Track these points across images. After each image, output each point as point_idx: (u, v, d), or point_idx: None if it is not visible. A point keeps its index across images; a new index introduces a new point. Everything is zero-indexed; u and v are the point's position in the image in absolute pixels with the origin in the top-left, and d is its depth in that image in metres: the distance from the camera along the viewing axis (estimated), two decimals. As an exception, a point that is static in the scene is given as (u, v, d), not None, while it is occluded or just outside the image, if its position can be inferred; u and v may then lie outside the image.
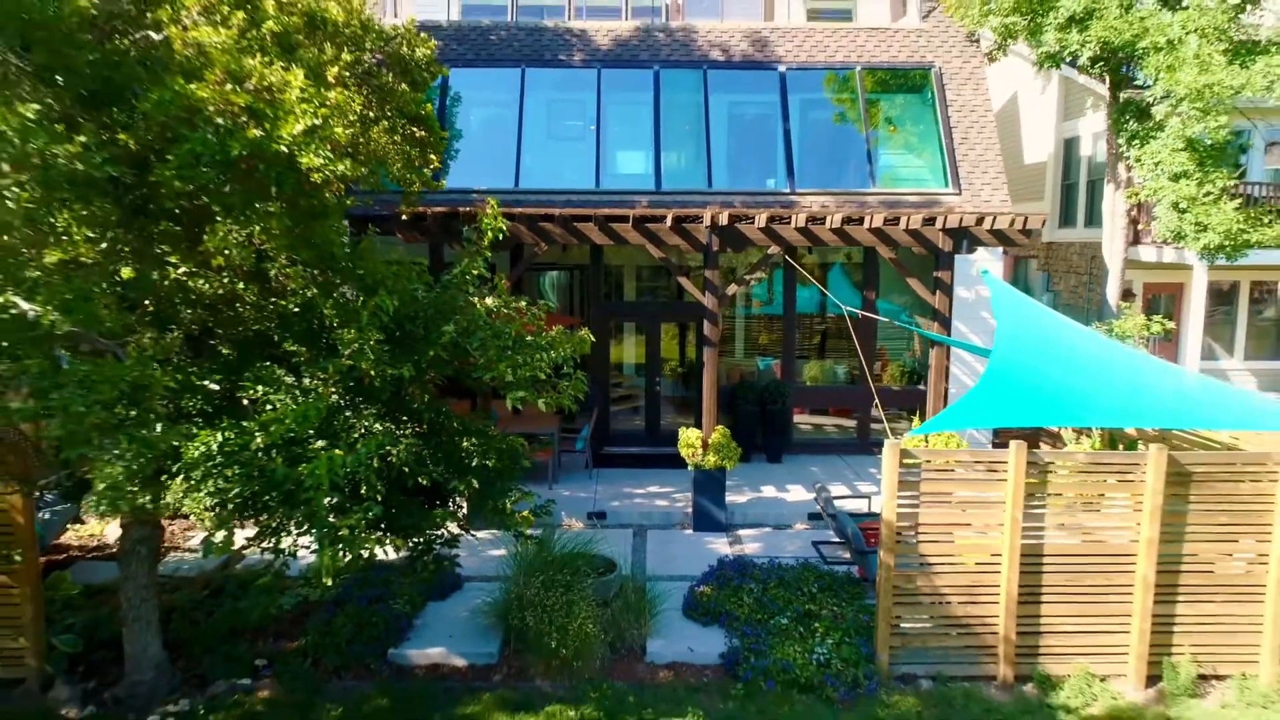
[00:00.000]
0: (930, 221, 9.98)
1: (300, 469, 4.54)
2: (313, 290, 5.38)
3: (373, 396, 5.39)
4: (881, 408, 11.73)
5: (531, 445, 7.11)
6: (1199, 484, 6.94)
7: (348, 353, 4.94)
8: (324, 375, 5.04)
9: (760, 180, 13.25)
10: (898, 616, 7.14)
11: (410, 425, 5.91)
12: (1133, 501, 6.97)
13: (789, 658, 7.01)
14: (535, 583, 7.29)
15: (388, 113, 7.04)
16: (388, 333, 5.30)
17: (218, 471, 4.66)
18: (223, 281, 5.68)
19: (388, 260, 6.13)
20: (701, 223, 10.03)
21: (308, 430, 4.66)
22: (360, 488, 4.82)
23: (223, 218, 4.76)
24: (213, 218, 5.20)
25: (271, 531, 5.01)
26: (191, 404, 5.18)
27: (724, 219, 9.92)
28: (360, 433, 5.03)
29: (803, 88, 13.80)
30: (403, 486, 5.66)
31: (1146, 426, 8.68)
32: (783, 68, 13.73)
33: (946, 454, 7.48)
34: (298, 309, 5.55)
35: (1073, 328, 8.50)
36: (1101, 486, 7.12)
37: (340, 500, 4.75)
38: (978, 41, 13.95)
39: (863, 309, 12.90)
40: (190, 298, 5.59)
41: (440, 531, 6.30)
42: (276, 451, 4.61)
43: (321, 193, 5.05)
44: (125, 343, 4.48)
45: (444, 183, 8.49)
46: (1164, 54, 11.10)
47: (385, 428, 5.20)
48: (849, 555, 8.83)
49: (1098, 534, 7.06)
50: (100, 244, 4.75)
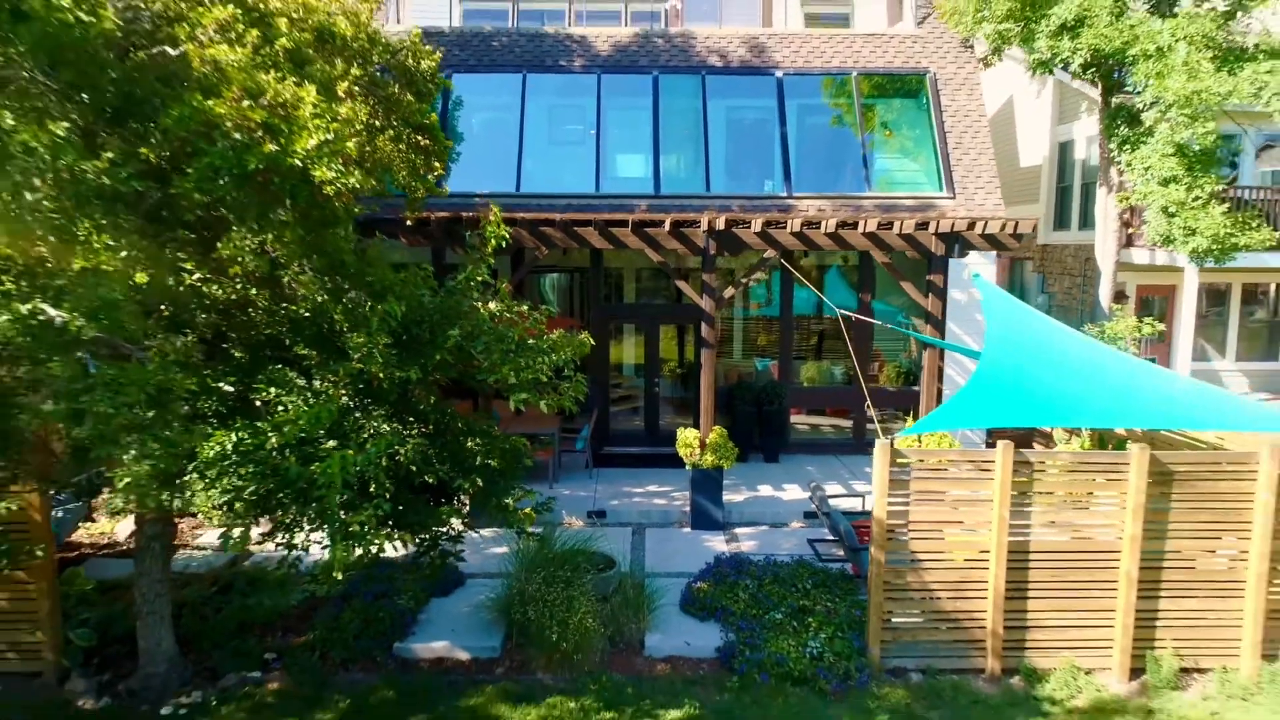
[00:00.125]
0: (923, 226, 10.19)
1: (313, 468, 4.75)
2: (323, 296, 5.60)
3: (381, 398, 5.60)
4: (878, 408, 11.94)
5: (533, 445, 7.32)
6: (1181, 482, 7.14)
7: (357, 356, 5.16)
8: (334, 378, 5.25)
9: (758, 184, 13.45)
10: (889, 611, 7.35)
11: (417, 426, 6.12)
12: (1117, 500, 7.18)
13: (783, 651, 7.22)
14: (537, 578, 7.50)
15: (393, 122, 7.26)
16: (395, 337, 5.51)
17: (233, 470, 4.89)
18: (236, 287, 5.90)
19: (394, 263, 6.34)
20: (699, 227, 10.24)
21: (319, 430, 4.88)
22: (370, 486, 5.03)
23: (238, 227, 4.97)
24: (227, 226, 5.42)
25: (285, 527, 5.22)
26: (206, 405, 5.40)
27: (721, 224, 10.13)
28: (369, 433, 5.25)
29: (800, 93, 14.02)
30: (410, 484, 5.88)
31: (1134, 427, 8.89)
32: (780, 73, 13.94)
33: (936, 453, 7.70)
34: (308, 314, 5.76)
35: (1062, 330, 8.70)
36: (1086, 485, 7.32)
37: (350, 497, 4.96)
38: (972, 47, 14.16)
39: (859, 311, 13.10)
40: (205, 303, 5.80)
41: (446, 528, 6.52)
42: (290, 451, 4.82)
43: (332, 203, 5.27)
44: (147, 347, 4.70)
45: (447, 189, 8.67)
46: (1153, 61, 11.31)
47: (393, 428, 5.42)
48: (843, 552, 9.03)
49: (1083, 531, 7.27)
50: (120, 252, 4.95)
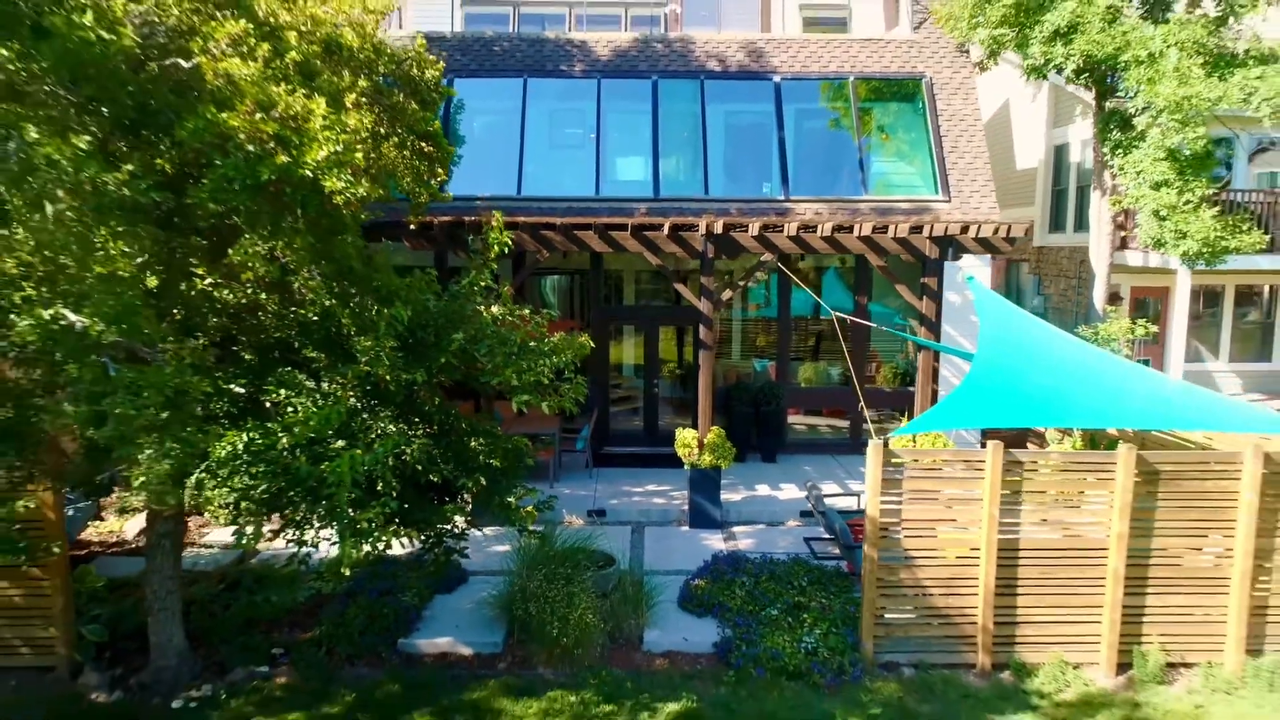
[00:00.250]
0: (917, 230, 10.36)
1: (323, 467, 4.93)
2: (331, 300, 5.77)
3: (387, 399, 5.78)
4: (875, 408, 12.15)
5: (534, 445, 7.50)
6: (1167, 482, 7.31)
7: (365, 359, 5.34)
8: (343, 380, 5.43)
9: (756, 187, 13.63)
10: (882, 608, 7.52)
11: (422, 426, 6.30)
12: (1105, 498, 7.35)
13: (778, 646, 7.39)
14: (538, 576, 7.67)
15: (398, 130, 7.43)
16: (401, 340, 5.69)
17: (244, 468, 5.06)
18: (246, 291, 6.08)
19: (397, 266, 6.52)
20: (697, 231, 10.41)
21: (329, 431, 5.06)
22: (377, 484, 5.21)
23: (250, 234, 5.15)
24: (238, 233, 5.60)
25: (295, 524, 5.40)
26: (218, 407, 5.58)
27: (719, 227, 10.31)
28: (377, 433, 5.43)
29: (797, 97, 14.20)
30: (415, 483, 6.05)
31: (1124, 427, 9.07)
32: (778, 78, 14.12)
33: (928, 453, 7.87)
34: (316, 318, 5.94)
35: (1053, 333, 8.88)
36: (1074, 484, 7.49)
37: (359, 496, 5.14)
38: (967, 52, 14.34)
39: (856, 312, 13.29)
40: (215, 307, 5.98)
41: (450, 526, 6.70)
42: (300, 450, 5.00)
43: (341, 211, 5.44)
44: (163, 350, 4.87)
45: (450, 194, 8.85)
46: (1145, 67, 11.49)
47: (399, 429, 5.60)
48: (838, 550, 9.21)
49: (1071, 529, 7.44)
50: (136, 258, 5.13)
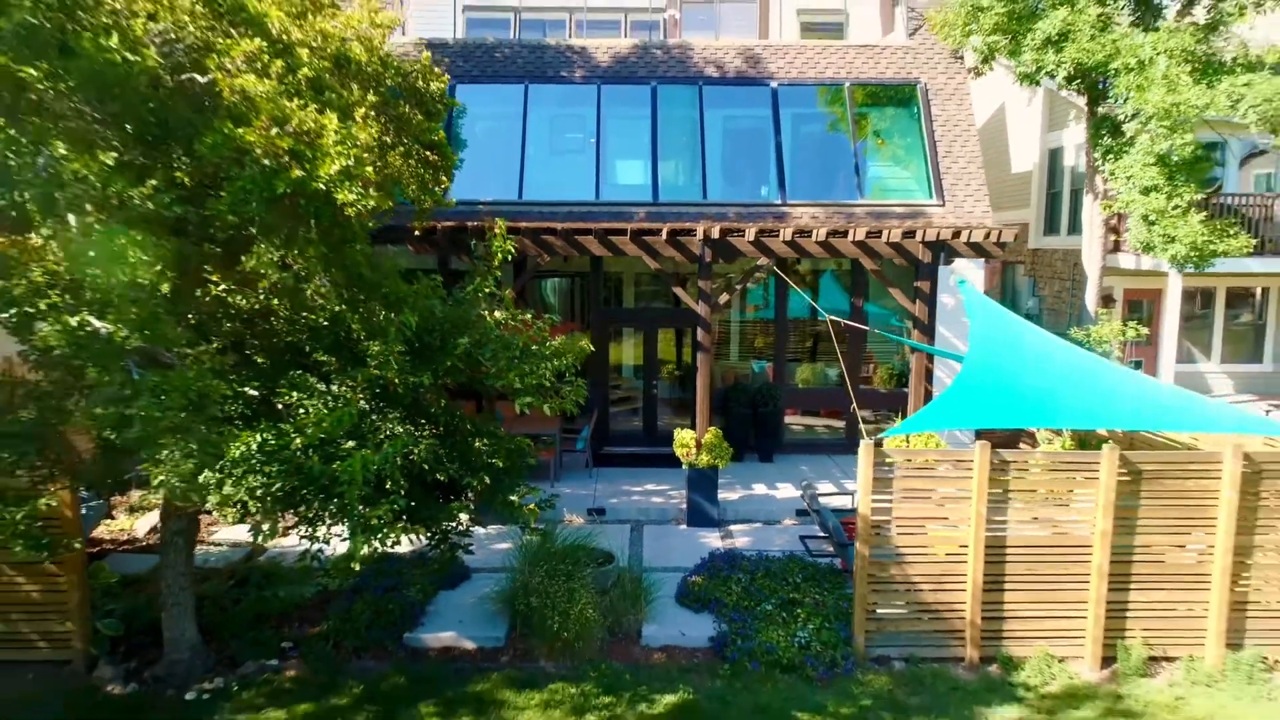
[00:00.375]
0: (910, 235, 10.59)
1: (335, 466, 5.16)
2: (341, 306, 6.01)
3: (395, 402, 6.02)
4: (871, 409, 12.36)
5: (535, 445, 7.73)
6: (1150, 481, 7.54)
7: (375, 363, 5.57)
8: (353, 383, 5.66)
9: (753, 192, 13.86)
10: (873, 603, 7.75)
11: (428, 427, 6.54)
12: (1090, 497, 7.57)
13: (773, 641, 7.62)
14: (539, 572, 7.90)
15: (404, 140, 7.67)
16: (408, 344, 5.92)
17: (259, 468, 5.29)
18: (258, 297, 6.31)
19: (401, 269, 6.75)
20: (695, 236, 10.64)
21: (340, 432, 5.29)
22: (386, 483, 5.44)
23: (265, 243, 5.38)
24: (251, 241, 5.83)
25: (309, 521, 5.64)
26: (233, 408, 5.81)
27: (716, 233, 10.53)
28: (386, 434, 5.66)
29: (794, 103, 14.42)
30: (422, 482, 6.28)
31: (1111, 428, 9.30)
32: (775, 83, 14.34)
33: (918, 453, 8.10)
34: (327, 322, 6.18)
35: (1041, 335, 9.10)
36: (1060, 483, 7.72)
37: (368, 494, 5.37)
38: (962, 59, 14.56)
39: (852, 314, 13.52)
40: (230, 312, 6.22)
41: (455, 523, 6.94)
42: (313, 450, 5.23)
43: (352, 222, 5.67)
44: (184, 355, 5.10)
45: (453, 200, 9.09)
46: (1134, 74, 11.71)
47: (407, 430, 5.83)
48: (832, 548, 9.44)
49: (1057, 526, 7.67)
50: (155, 266, 5.36)
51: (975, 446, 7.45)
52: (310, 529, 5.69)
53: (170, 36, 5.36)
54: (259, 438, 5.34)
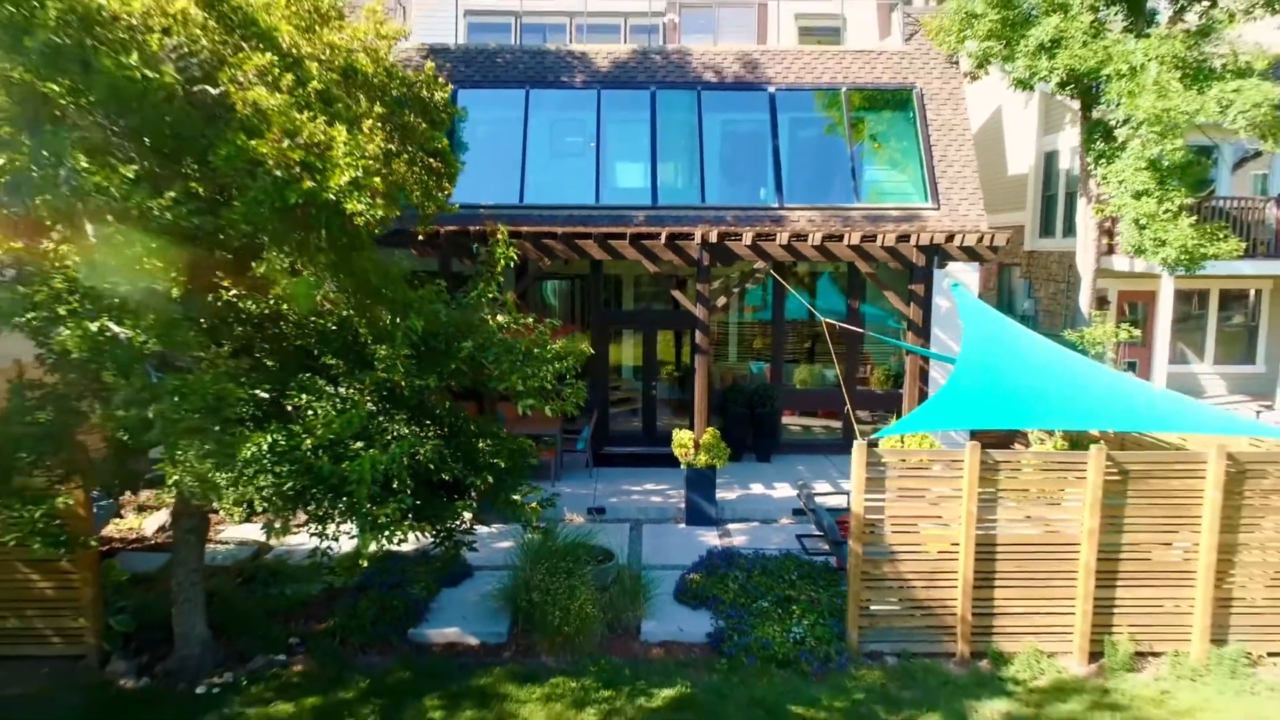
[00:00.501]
0: (905, 239, 10.78)
1: (344, 466, 5.36)
2: (349, 311, 6.20)
3: (402, 403, 6.21)
4: (868, 409, 12.55)
5: (536, 445, 7.93)
6: (1136, 480, 7.73)
7: (382, 367, 5.77)
8: (360, 385, 5.86)
9: (751, 195, 14.04)
10: (866, 600, 7.94)
11: (433, 428, 6.73)
12: (1078, 496, 7.76)
13: (768, 636, 7.81)
14: (540, 569, 8.09)
15: (409, 147, 7.85)
16: (414, 348, 6.11)
17: (270, 468, 5.48)
18: (268, 302, 6.49)
19: (408, 273, 6.94)
20: (693, 240, 10.83)
21: (349, 434, 5.48)
22: (393, 482, 5.63)
23: (277, 250, 5.58)
24: (261, 248, 6.02)
25: (318, 519, 5.83)
26: (244, 410, 6.00)
27: (714, 236, 10.73)
28: (393, 435, 5.86)
29: (791, 107, 14.60)
30: (427, 481, 6.48)
31: (1102, 429, 9.49)
32: (772, 88, 14.53)
33: (910, 453, 8.30)
34: (335, 327, 6.37)
35: (1034, 339, 9.29)
36: (1049, 482, 7.91)
37: (376, 493, 5.56)
38: (957, 64, 14.75)
39: (848, 315, 13.71)
40: (240, 316, 6.41)
41: (459, 521, 7.14)
42: (323, 451, 5.43)
43: (360, 230, 5.86)
44: (199, 359, 5.29)
45: (456, 206, 9.27)
46: (1125, 80, 11.89)
47: (413, 431, 6.03)
48: (827, 546, 9.63)
49: (1046, 525, 7.86)
50: (170, 272, 5.55)
51: (966, 447, 7.63)
52: (320, 527, 5.88)
53: (184, 51, 5.54)
54: (270, 438, 5.53)
